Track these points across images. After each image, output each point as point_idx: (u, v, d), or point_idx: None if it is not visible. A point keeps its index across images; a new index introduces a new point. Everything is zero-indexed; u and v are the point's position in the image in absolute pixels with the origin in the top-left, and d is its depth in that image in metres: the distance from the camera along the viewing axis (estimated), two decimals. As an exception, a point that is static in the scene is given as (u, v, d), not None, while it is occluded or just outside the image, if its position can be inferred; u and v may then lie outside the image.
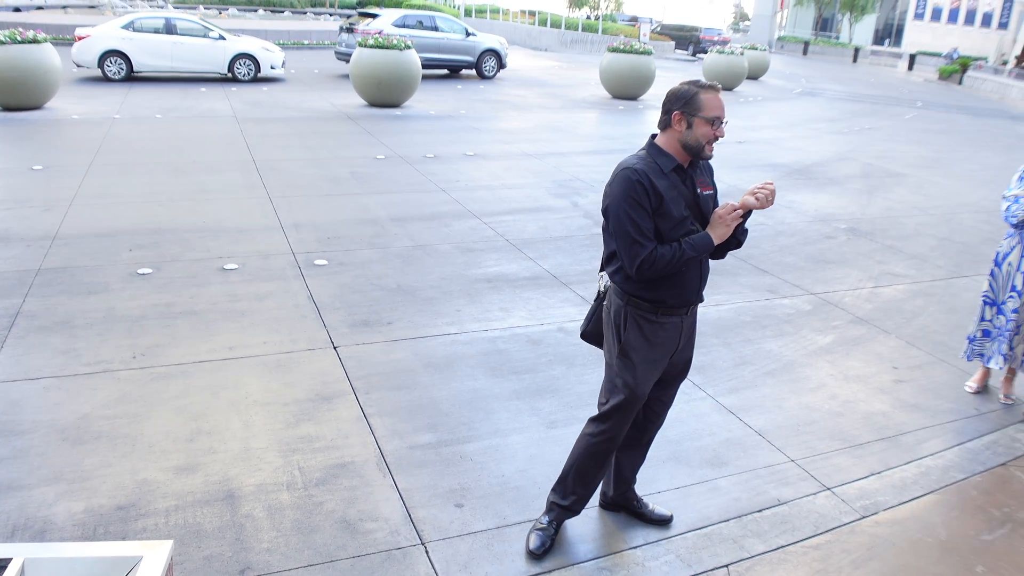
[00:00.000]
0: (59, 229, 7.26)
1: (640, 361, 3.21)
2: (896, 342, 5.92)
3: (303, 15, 45.36)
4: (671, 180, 3.06)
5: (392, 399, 4.61)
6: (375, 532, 3.47)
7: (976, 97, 32.33)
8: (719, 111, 3.01)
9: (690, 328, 3.33)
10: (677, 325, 3.23)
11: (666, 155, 3.07)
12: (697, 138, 3.02)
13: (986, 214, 10.27)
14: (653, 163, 3.05)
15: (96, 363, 4.82)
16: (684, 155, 3.07)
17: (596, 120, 16.93)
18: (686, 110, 3.01)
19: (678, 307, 3.19)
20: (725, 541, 3.57)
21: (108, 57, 17.78)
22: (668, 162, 3.06)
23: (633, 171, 3.02)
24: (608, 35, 38.00)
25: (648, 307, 3.15)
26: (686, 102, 3.01)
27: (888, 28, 61.84)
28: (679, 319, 3.23)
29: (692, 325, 3.35)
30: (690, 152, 3.05)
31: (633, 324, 3.18)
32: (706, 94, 3.01)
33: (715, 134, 3.02)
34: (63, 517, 3.43)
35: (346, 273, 6.56)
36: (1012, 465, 4.37)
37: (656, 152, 3.09)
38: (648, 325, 3.17)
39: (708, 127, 3.00)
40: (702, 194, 3.17)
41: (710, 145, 3.04)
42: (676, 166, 3.07)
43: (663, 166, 3.05)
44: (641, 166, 3.04)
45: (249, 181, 9.44)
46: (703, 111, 2.99)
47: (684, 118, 3.01)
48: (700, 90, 3.02)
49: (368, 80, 15.80)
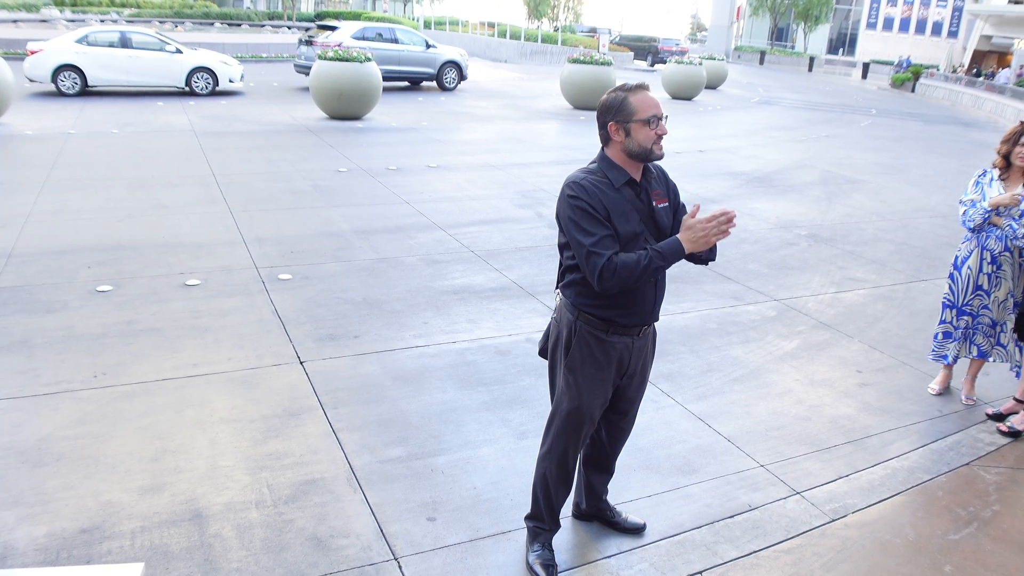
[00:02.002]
0: (14, 247, 7.10)
1: (585, 380, 3.10)
2: (859, 346, 6.01)
3: (261, 28, 45.05)
4: (624, 194, 2.93)
5: (361, 413, 4.56)
6: (347, 548, 3.42)
7: (929, 104, 33.06)
8: (653, 108, 2.89)
9: (642, 350, 3.19)
10: (628, 345, 3.10)
11: (617, 168, 2.95)
12: (639, 143, 2.89)
13: (942, 219, 10.49)
14: (604, 177, 2.93)
15: (56, 383, 4.71)
16: (634, 164, 2.96)
17: (558, 131, 17.00)
18: (619, 119, 2.90)
19: (629, 327, 3.06)
20: (698, 548, 3.58)
21: (62, 71, 17.46)
22: (619, 176, 2.94)
23: (577, 186, 2.90)
24: (567, 46, 38.28)
25: (598, 324, 3.03)
26: (617, 110, 2.91)
27: (842, 37, 63.09)
28: (630, 339, 3.10)
29: (645, 347, 3.22)
30: (638, 158, 2.93)
31: (581, 341, 3.06)
32: (635, 96, 2.90)
33: (656, 133, 2.89)
34: (24, 542, 3.33)
35: (311, 287, 6.50)
36: (976, 465, 4.44)
37: (607, 165, 2.96)
38: (597, 343, 3.05)
39: (646, 128, 2.87)
40: (657, 207, 3.03)
41: (656, 144, 2.90)
42: (628, 180, 2.95)
43: (614, 180, 2.92)
44: (587, 181, 2.91)
45: (209, 195, 9.32)
46: (637, 114, 2.88)
47: (620, 127, 2.91)
48: (628, 94, 2.91)
49: (329, 93, 15.71)
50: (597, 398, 3.15)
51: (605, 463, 3.55)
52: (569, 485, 3.38)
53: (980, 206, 4.87)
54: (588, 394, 3.12)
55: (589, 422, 3.20)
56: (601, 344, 3.06)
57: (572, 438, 3.22)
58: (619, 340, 3.07)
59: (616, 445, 3.51)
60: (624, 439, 3.51)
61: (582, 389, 3.11)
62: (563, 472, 3.30)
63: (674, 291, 6.52)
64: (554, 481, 3.31)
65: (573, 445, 3.24)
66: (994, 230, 4.89)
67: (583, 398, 3.13)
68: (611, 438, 3.47)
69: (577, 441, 3.24)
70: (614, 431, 3.44)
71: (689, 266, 7.19)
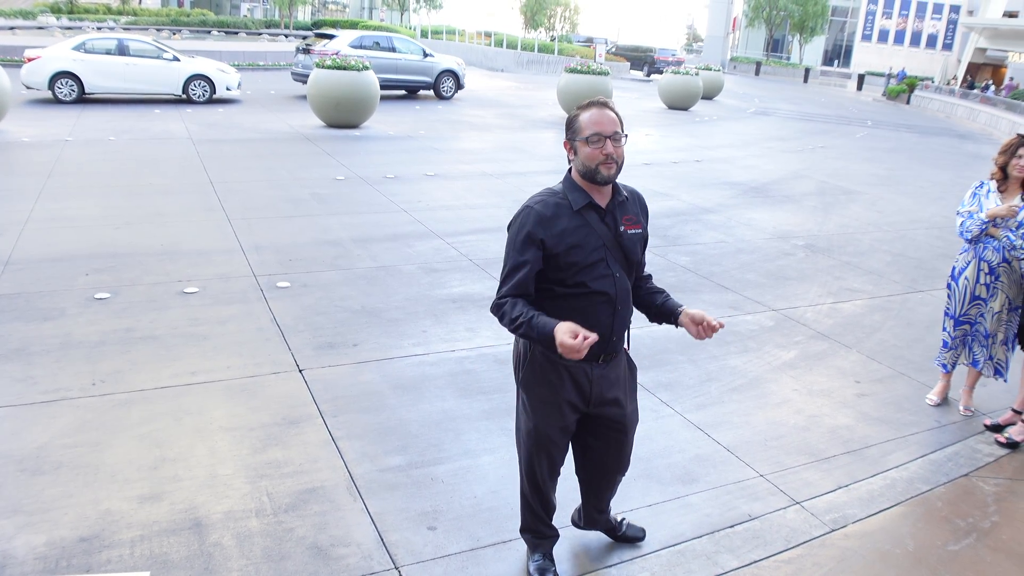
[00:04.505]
0: (11, 254, 7.08)
1: (538, 401, 3.02)
2: (857, 356, 6.02)
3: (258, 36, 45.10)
4: (585, 218, 2.82)
5: (360, 422, 4.56)
6: (347, 557, 3.41)
7: (923, 116, 33.22)
8: (598, 127, 2.75)
9: (607, 378, 3.01)
10: (586, 372, 2.95)
11: (578, 190, 2.84)
12: (583, 163, 2.78)
13: (938, 230, 10.52)
14: (564, 199, 2.83)
15: (54, 391, 4.70)
16: (592, 186, 2.83)
17: (555, 140, 17.02)
18: (569, 137, 2.83)
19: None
20: (699, 557, 3.58)
21: (59, 78, 17.45)
22: (579, 198, 2.82)
23: (531, 211, 2.81)
24: (564, 56, 38.42)
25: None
26: (568, 129, 2.84)
27: (837, 49, 63.41)
28: (588, 366, 2.94)
29: (613, 375, 3.04)
30: (588, 179, 2.80)
31: (533, 362, 2.97)
32: (585, 113, 2.80)
33: (601, 153, 2.74)
34: (23, 551, 3.32)
35: (309, 295, 6.49)
36: (974, 475, 4.45)
37: (570, 186, 2.86)
38: (548, 365, 2.94)
39: (589, 147, 2.75)
40: (626, 232, 2.90)
41: (604, 165, 2.75)
42: (589, 203, 2.83)
43: (573, 202, 2.81)
44: (543, 207, 2.80)
45: (207, 203, 9.31)
46: (581, 132, 2.77)
47: (571, 146, 2.83)
48: (581, 111, 2.82)
49: (326, 101, 15.74)
50: (553, 421, 3.04)
51: (595, 488, 3.38)
52: (547, 501, 3.30)
53: (977, 217, 4.89)
54: (542, 416, 3.04)
55: (551, 444, 3.10)
56: (553, 366, 2.94)
57: (535, 457, 3.14)
58: (574, 365, 2.92)
59: (600, 479, 3.33)
60: (612, 479, 3.34)
61: (535, 410, 3.05)
62: (536, 490, 3.24)
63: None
64: (532, 498, 3.28)
65: (538, 463, 3.15)
66: (991, 241, 4.92)
67: (537, 419, 3.06)
68: (594, 469, 3.30)
69: (541, 460, 3.14)
70: (595, 459, 3.27)
71: (687, 275, 7.18)
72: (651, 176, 12.92)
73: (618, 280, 2.92)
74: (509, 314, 2.79)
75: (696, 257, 8.22)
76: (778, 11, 57.89)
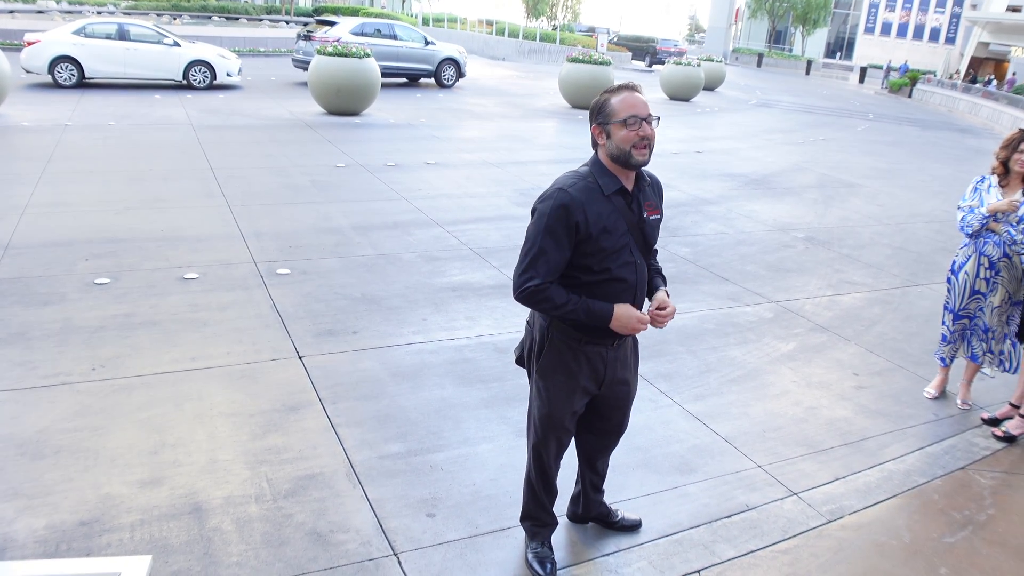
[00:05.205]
0: (11, 239, 7.08)
1: (556, 388, 3.05)
2: (856, 349, 6.03)
3: (259, 22, 44.90)
4: (614, 204, 2.83)
5: (360, 409, 4.57)
6: (347, 543, 3.43)
7: (925, 110, 33.19)
8: (633, 109, 2.76)
9: (618, 360, 3.10)
10: (602, 355, 3.01)
11: (608, 175, 2.84)
12: (618, 145, 2.77)
13: (939, 224, 10.53)
14: (595, 183, 2.82)
15: (54, 375, 4.70)
16: (622, 171, 2.85)
17: (556, 129, 17.01)
18: (600, 120, 2.82)
19: (604, 337, 2.96)
20: (696, 547, 3.59)
21: (59, 63, 17.39)
22: (611, 183, 2.83)
23: (567, 194, 2.76)
24: (566, 45, 38.30)
25: (571, 333, 2.94)
26: (598, 112, 2.84)
27: (839, 41, 63.27)
28: (604, 349, 3.01)
29: (624, 357, 3.13)
30: (619, 163, 2.81)
31: (552, 348, 3.00)
32: (616, 96, 2.80)
33: (637, 135, 2.75)
34: (24, 534, 3.33)
35: (309, 282, 6.50)
36: (971, 469, 4.46)
37: (599, 170, 2.85)
38: (569, 352, 2.98)
39: (624, 130, 2.75)
40: (648, 219, 2.95)
41: (637, 149, 2.77)
42: (619, 188, 2.85)
43: (604, 187, 2.81)
44: (577, 191, 2.78)
45: (207, 189, 9.30)
46: (616, 115, 2.77)
47: (602, 130, 2.82)
48: (610, 95, 2.82)
49: (327, 88, 15.70)
50: (567, 406, 3.09)
51: (594, 464, 3.51)
52: (551, 485, 3.35)
53: (978, 212, 4.89)
54: (558, 402, 3.07)
55: (562, 429, 3.16)
56: (573, 352, 2.99)
57: (545, 443, 3.20)
58: (592, 349, 2.99)
59: (604, 450, 3.46)
60: (612, 444, 3.44)
61: (552, 396, 3.07)
62: (542, 474, 3.29)
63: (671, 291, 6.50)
64: (536, 483, 3.32)
65: (547, 450, 3.21)
66: (992, 236, 4.92)
67: (552, 405, 3.08)
68: (598, 442, 3.41)
69: (551, 446, 3.20)
70: (599, 435, 3.38)
71: (687, 266, 7.18)
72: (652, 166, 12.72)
73: (639, 267, 2.96)
74: (554, 299, 2.79)
75: (696, 248, 8.22)
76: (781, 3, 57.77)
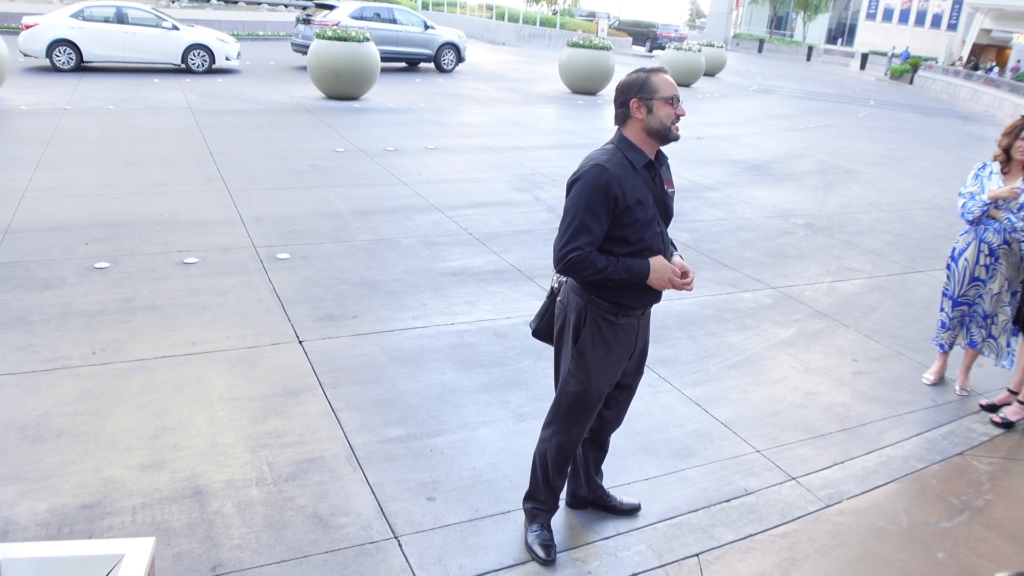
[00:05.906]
0: (10, 223, 7.07)
1: (596, 363, 3.13)
2: (855, 335, 6.04)
3: (258, 6, 44.60)
4: (643, 177, 2.97)
5: (360, 393, 4.58)
6: (347, 527, 3.44)
7: (926, 96, 33.09)
8: (674, 90, 2.97)
9: (645, 328, 3.27)
10: (634, 326, 3.16)
11: (637, 149, 2.97)
12: (661, 120, 2.94)
13: (939, 211, 10.52)
14: (624, 159, 2.95)
15: (55, 359, 4.71)
16: (651, 145, 2.99)
17: (556, 115, 16.97)
18: (643, 95, 2.94)
19: (637, 308, 3.12)
20: (695, 531, 3.61)
21: (57, 46, 17.31)
22: (639, 157, 2.96)
23: (604, 170, 2.89)
24: (566, 30, 38.15)
25: (608, 308, 3.06)
26: (640, 87, 2.95)
27: (841, 27, 63.00)
28: (635, 320, 3.15)
29: (647, 324, 3.28)
30: (657, 137, 2.96)
31: (592, 325, 3.09)
32: (657, 76, 2.96)
33: (676, 113, 2.96)
34: (26, 517, 3.35)
35: (309, 267, 6.50)
36: (969, 454, 4.48)
37: (627, 146, 2.98)
38: (608, 327, 3.09)
39: (668, 107, 2.94)
40: (667, 190, 3.11)
41: (675, 125, 2.97)
42: (648, 162, 2.98)
43: (634, 162, 2.95)
44: (612, 165, 2.91)
45: (207, 174, 9.28)
46: (660, 92, 2.93)
47: (643, 104, 2.94)
48: (650, 74, 2.97)
49: (326, 72, 15.64)
50: (606, 380, 3.19)
51: (602, 439, 3.57)
52: (567, 466, 3.40)
53: (979, 199, 4.88)
54: (597, 376, 3.15)
55: (597, 404, 3.24)
56: (611, 327, 3.09)
57: (577, 420, 3.25)
58: (627, 322, 3.12)
59: (615, 422, 3.53)
60: (623, 415, 3.54)
61: (592, 372, 3.14)
62: (564, 453, 3.32)
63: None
64: (553, 461, 3.34)
65: (578, 427, 3.27)
66: (992, 223, 4.92)
67: (592, 381, 3.15)
68: (612, 414, 3.48)
69: (582, 423, 3.26)
70: (615, 406, 3.46)
71: (687, 252, 7.18)
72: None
73: (664, 236, 3.12)
74: (597, 264, 2.92)
75: (696, 234, 8.22)
76: (782, -12, 57.49)
